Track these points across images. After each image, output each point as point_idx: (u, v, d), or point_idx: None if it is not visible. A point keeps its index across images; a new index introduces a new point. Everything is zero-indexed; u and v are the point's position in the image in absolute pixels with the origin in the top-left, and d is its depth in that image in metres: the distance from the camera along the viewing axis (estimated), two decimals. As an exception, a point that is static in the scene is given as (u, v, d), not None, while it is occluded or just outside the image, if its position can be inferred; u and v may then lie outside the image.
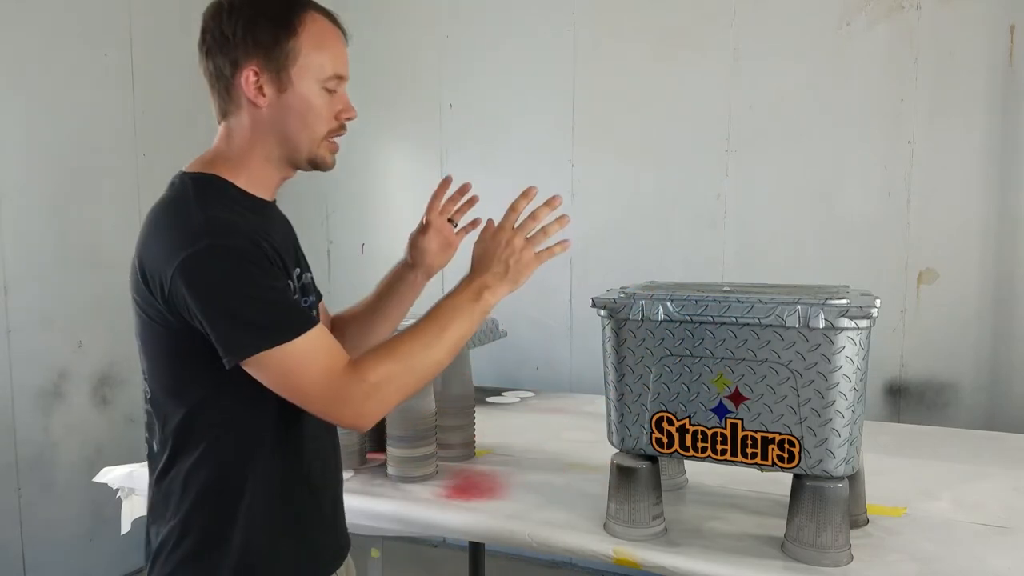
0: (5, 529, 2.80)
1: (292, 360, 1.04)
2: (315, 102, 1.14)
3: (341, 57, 1.16)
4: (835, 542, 1.30)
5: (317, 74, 1.13)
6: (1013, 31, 2.55)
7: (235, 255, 1.03)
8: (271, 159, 1.17)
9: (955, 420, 2.65)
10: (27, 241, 2.85)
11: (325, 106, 1.15)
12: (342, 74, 1.16)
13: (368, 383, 1.07)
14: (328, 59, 1.14)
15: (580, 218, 3.19)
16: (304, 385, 1.06)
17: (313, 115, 1.14)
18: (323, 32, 1.15)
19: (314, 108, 1.14)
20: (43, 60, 2.89)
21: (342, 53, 1.17)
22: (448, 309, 1.16)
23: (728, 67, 2.92)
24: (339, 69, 1.16)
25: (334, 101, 1.16)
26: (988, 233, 2.62)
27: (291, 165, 1.19)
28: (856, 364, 1.25)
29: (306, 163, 1.18)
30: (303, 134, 1.15)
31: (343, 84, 1.17)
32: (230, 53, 1.11)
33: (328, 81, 1.14)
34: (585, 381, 3.17)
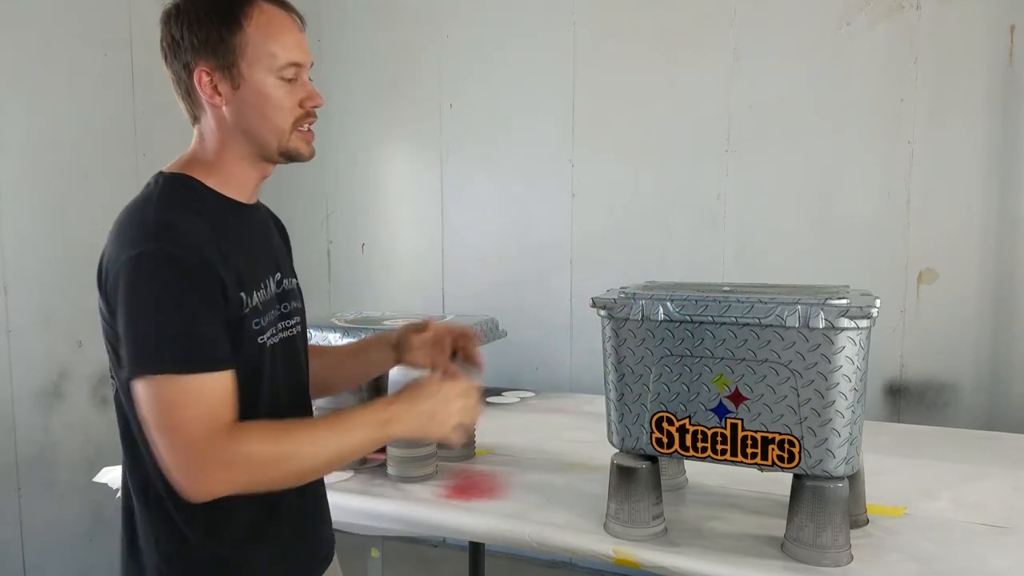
0: (5, 529, 2.80)
1: (178, 395, 0.97)
2: (272, 93, 1.11)
3: (295, 44, 1.12)
4: (835, 542, 1.30)
5: (269, 64, 1.10)
6: (1013, 31, 2.55)
7: (175, 266, 1.00)
8: (244, 157, 1.14)
9: (955, 420, 2.65)
10: (27, 241, 2.85)
11: (285, 96, 1.12)
12: (298, 61, 1.12)
13: (238, 454, 0.99)
14: (279, 48, 1.10)
15: (580, 218, 3.23)
16: (176, 425, 0.97)
17: (272, 107, 1.11)
18: (271, 21, 1.11)
19: (272, 100, 1.11)
20: (43, 60, 2.89)
21: (296, 39, 1.13)
22: (352, 423, 1.08)
23: (728, 67, 2.92)
24: (293, 56, 1.12)
25: (295, 89, 1.13)
26: (988, 233, 2.62)
27: (265, 160, 1.16)
28: (856, 364, 1.25)
29: (279, 156, 1.14)
30: (265, 127, 1.12)
31: (303, 71, 1.14)
32: (182, 57, 1.10)
33: (283, 70, 1.11)
34: (585, 381, 3.17)
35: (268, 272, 1.17)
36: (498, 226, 3.36)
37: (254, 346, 1.10)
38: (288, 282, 1.22)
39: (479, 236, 3.37)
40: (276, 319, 1.16)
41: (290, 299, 1.21)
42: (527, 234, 3.30)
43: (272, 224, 1.30)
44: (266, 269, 1.16)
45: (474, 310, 2.24)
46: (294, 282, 1.24)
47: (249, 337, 1.09)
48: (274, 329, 1.15)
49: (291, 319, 1.21)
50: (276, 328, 1.16)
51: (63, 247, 2.98)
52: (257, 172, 1.17)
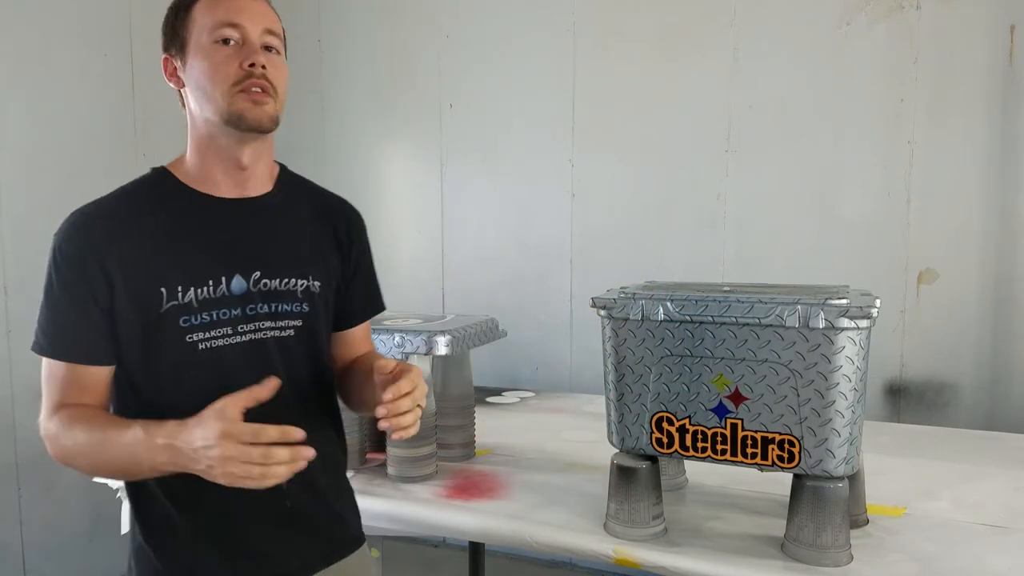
0: (5, 529, 2.80)
1: (44, 371, 1.12)
2: (209, 58, 1.09)
3: (230, 7, 1.10)
4: (835, 542, 1.30)
5: (207, 31, 1.10)
6: (1013, 31, 2.55)
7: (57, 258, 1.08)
8: (206, 143, 1.14)
9: (955, 420, 2.65)
10: (27, 241, 2.85)
11: (223, 60, 1.09)
12: (231, 21, 1.09)
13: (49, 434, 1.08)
14: (216, 13, 1.10)
15: (580, 218, 3.23)
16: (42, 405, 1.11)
17: (211, 73, 1.09)
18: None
19: (209, 64, 1.09)
20: (43, 60, 2.89)
21: (231, 5, 1.11)
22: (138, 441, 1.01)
23: (728, 67, 2.92)
24: (229, 17, 1.09)
25: (236, 53, 1.09)
26: (988, 233, 2.62)
27: (226, 138, 1.12)
28: (856, 364, 1.25)
29: (228, 125, 1.09)
30: (207, 94, 1.10)
31: (239, 31, 1.10)
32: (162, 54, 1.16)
33: (216, 31, 1.09)
34: (585, 381, 3.17)
35: (232, 269, 1.12)
36: (498, 226, 3.36)
37: (178, 343, 1.08)
38: (280, 283, 1.15)
39: (479, 236, 3.37)
40: (233, 320, 1.12)
41: (274, 300, 1.15)
42: (527, 234, 3.30)
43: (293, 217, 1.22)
44: (227, 266, 1.12)
45: (474, 310, 2.24)
46: (297, 283, 1.17)
47: (171, 333, 1.08)
48: (227, 329, 1.11)
49: (269, 321, 1.15)
50: (231, 328, 1.11)
51: (63, 247, 2.97)
52: (226, 158, 1.14)
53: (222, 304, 1.11)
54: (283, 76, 1.14)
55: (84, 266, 1.07)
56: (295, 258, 1.19)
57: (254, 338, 1.13)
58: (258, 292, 1.14)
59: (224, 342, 1.11)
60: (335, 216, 1.27)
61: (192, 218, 1.13)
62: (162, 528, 1.14)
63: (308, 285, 1.19)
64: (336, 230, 1.26)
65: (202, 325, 1.09)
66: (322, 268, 1.22)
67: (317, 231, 1.24)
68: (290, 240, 1.20)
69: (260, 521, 1.16)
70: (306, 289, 1.18)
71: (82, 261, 1.07)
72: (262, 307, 1.14)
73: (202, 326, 1.09)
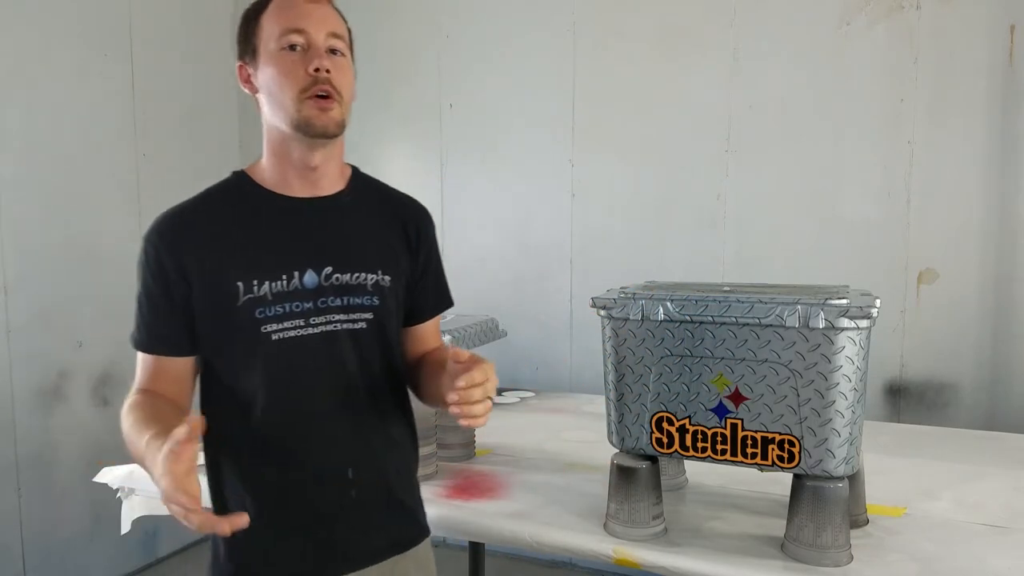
0: (5, 529, 2.80)
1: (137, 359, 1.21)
2: (277, 66, 1.12)
3: (295, 13, 1.13)
4: (835, 542, 1.30)
5: (273, 39, 1.13)
6: (1013, 31, 2.55)
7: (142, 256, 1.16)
8: (278, 147, 1.18)
9: (955, 420, 2.65)
10: (27, 241, 2.85)
11: (291, 67, 1.12)
12: (296, 27, 1.12)
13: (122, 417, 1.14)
14: (282, 18, 1.13)
15: (580, 218, 3.22)
16: None
17: (280, 79, 1.12)
18: (280, 2, 1.15)
19: (278, 72, 1.12)
20: (43, 60, 2.89)
21: (301, 11, 1.13)
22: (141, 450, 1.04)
23: (728, 67, 2.92)
24: (294, 23, 1.12)
25: (302, 58, 1.12)
26: (988, 233, 2.62)
27: (296, 143, 1.16)
28: (856, 364, 1.25)
29: (297, 131, 1.13)
30: (278, 100, 1.13)
31: (304, 37, 1.12)
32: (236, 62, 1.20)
33: (283, 38, 1.12)
34: (585, 381, 3.17)
35: (304, 264, 1.16)
36: (498, 226, 3.36)
37: (254, 334, 1.13)
38: (351, 277, 1.19)
39: (479, 236, 3.37)
40: (306, 312, 1.16)
41: (345, 293, 1.19)
42: (527, 234, 3.30)
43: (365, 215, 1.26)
44: (300, 261, 1.16)
45: (474, 310, 2.24)
46: (367, 277, 1.20)
47: (248, 324, 1.13)
48: (299, 321, 1.15)
49: (341, 314, 1.18)
50: (303, 320, 1.15)
51: (63, 247, 2.98)
52: (297, 160, 1.17)
53: (295, 297, 1.15)
54: (348, 79, 1.17)
55: (164, 265, 1.14)
56: (365, 253, 1.23)
57: (325, 330, 1.17)
58: (329, 286, 1.18)
59: (296, 333, 1.15)
60: (405, 214, 1.31)
61: (267, 217, 1.18)
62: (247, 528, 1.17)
63: (378, 279, 1.22)
64: (406, 228, 1.30)
65: (276, 316, 1.14)
66: (392, 264, 1.26)
67: (387, 229, 1.28)
68: (360, 236, 1.24)
69: (331, 509, 1.20)
70: (376, 283, 1.22)
71: (162, 260, 1.14)
72: (333, 300, 1.18)
73: (276, 317, 1.14)
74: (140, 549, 3.29)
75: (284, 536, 1.19)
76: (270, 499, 1.18)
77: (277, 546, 1.19)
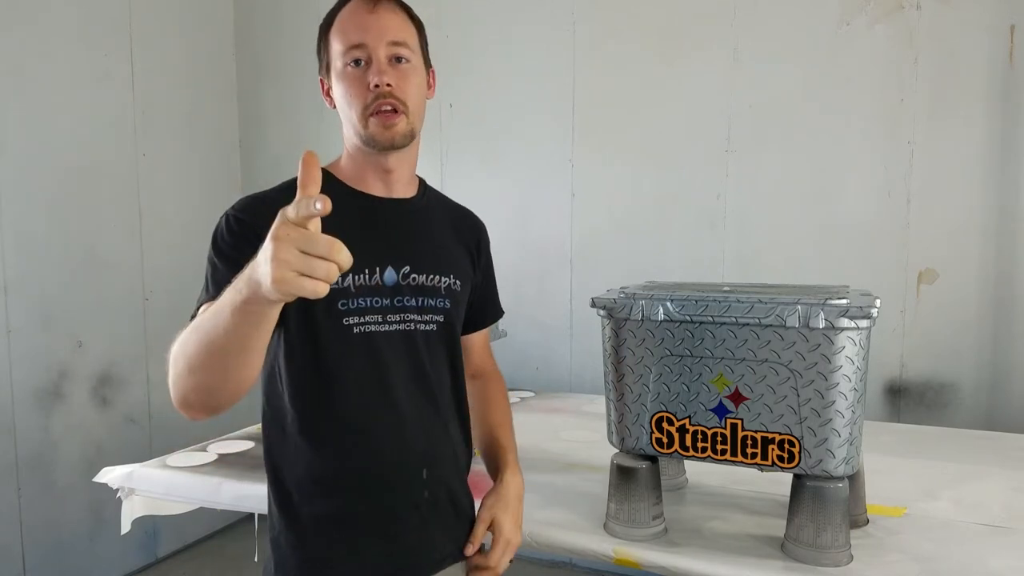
0: (5, 529, 2.80)
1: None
2: (343, 83, 1.16)
3: (357, 26, 1.15)
4: (835, 542, 1.30)
5: (339, 56, 1.17)
6: (1013, 31, 2.55)
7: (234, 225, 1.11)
8: (354, 152, 1.22)
9: (955, 420, 2.65)
10: (27, 241, 2.85)
11: (353, 83, 1.15)
12: (357, 42, 1.14)
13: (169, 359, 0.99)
14: (343, 36, 1.16)
15: (580, 218, 3.22)
16: None
17: (348, 96, 1.16)
18: (344, 13, 1.18)
19: (345, 89, 1.16)
20: (43, 60, 2.89)
21: (359, 23, 1.15)
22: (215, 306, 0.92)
23: (728, 67, 2.92)
24: (353, 38, 1.15)
25: (365, 73, 1.15)
26: (988, 233, 2.62)
27: (370, 152, 1.19)
28: (856, 364, 1.24)
29: (367, 145, 1.18)
30: (349, 117, 1.17)
31: (365, 51, 1.14)
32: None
33: (346, 55, 1.16)
34: (585, 381, 3.17)
35: (384, 262, 1.17)
36: (498, 226, 3.33)
37: (336, 324, 1.14)
38: (426, 278, 1.21)
39: (479, 236, 3.37)
40: (383, 309, 1.17)
41: (420, 294, 1.20)
42: (527, 234, 3.30)
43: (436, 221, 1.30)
44: (381, 258, 1.17)
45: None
46: (441, 280, 1.23)
47: (330, 314, 1.13)
48: (378, 316, 1.16)
49: (416, 314, 1.20)
50: (381, 317, 1.16)
51: (63, 247, 2.98)
52: (370, 165, 1.21)
53: (375, 292, 1.16)
54: (412, 87, 1.18)
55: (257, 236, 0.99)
56: (439, 257, 1.25)
57: (400, 328, 1.19)
58: (407, 285, 1.20)
59: (375, 328, 1.16)
60: (467, 225, 1.37)
61: (350, 212, 1.17)
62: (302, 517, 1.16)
63: (450, 283, 1.25)
64: (467, 238, 1.35)
65: (357, 310, 1.15)
66: (462, 270, 1.29)
67: (455, 237, 1.32)
68: (435, 241, 1.27)
69: (405, 509, 1.20)
70: (449, 287, 1.24)
71: (256, 230, 1.01)
72: (409, 300, 1.20)
73: (357, 311, 1.15)
74: (140, 549, 3.29)
75: (358, 533, 1.17)
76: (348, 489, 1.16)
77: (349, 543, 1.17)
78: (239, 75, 3.79)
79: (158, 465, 1.89)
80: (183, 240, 3.31)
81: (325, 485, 1.16)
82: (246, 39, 3.78)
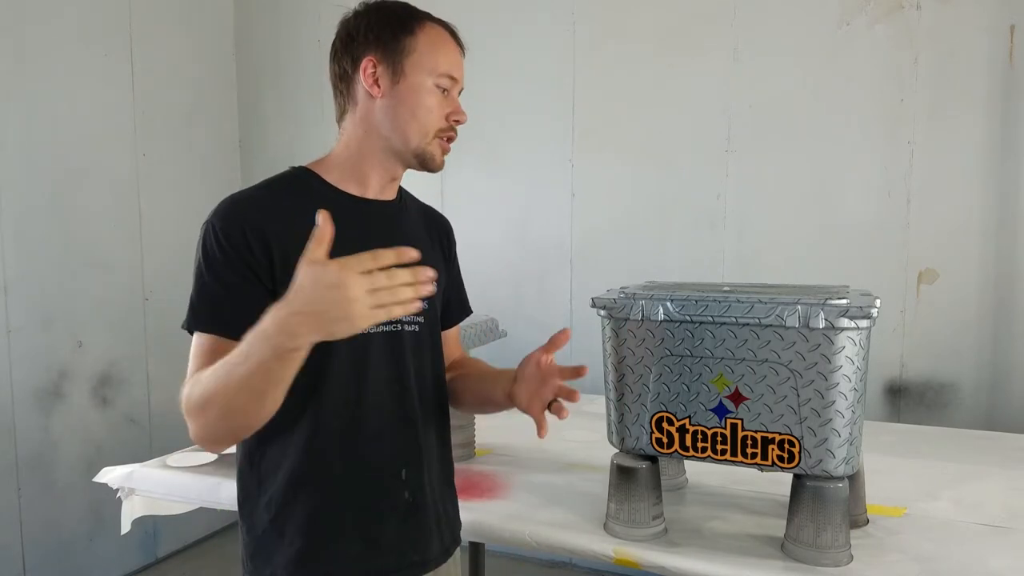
0: (5, 529, 2.80)
1: (192, 348, 1.10)
2: (426, 97, 1.18)
3: (455, 61, 1.21)
4: (835, 542, 1.30)
5: (430, 70, 1.18)
6: (1013, 31, 2.55)
7: (212, 237, 1.10)
8: (377, 153, 1.21)
9: (955, 420, 2.65)
10: (27, 241, 2.85)
11: (436, 104, 1.19)
12: (455, 75, 1.21)
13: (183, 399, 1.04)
14: (442, 58, 1.20)
15: (580, 218, 3.22)
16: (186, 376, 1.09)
17: (424, 109, 1.18)
18: (439, 36, 1.21)
19: (424, 102, 1.18)
20: (43, 60, 2.89)
21: (456, 59, 1.22)
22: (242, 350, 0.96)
23: (728, 67, 2.92)
24: (452, 70, 1.20)
25: (446, 102, 1.20)
26: (988, 233, 2.62)
27: (399, 160, 1.21)
28: (856, 364, 1.24)
29: (414, 158, 1.20)
30: (412, 126, 1.18)
31: (456, 87, 1.22)
32: (354, 51, 1.19)
33: (440, 78, 1.19)
34: (585, 381, 3.16)
35: None
36: (498, 226, 3.36)
37: None
38: None
39: (479, 236, 3.37)
40: None
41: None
42: (527, 234, 3.30)
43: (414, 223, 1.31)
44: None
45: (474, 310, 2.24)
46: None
47: None
48: None
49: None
50: None
51: (63, 247, 2.98)
52: (385, 170, 1.23)
53: None
54: None
55: (245, 241, 1.09)
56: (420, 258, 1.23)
57: (387, 329, 1.19)
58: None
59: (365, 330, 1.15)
60: (437, 225, 1.39)
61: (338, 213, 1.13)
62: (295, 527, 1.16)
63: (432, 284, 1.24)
64: (439, 238, 1.38)
65: None
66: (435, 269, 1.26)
67: (429, 237, 1.34)
68: (414, 241, 1.25)
69: (385, 509, 1.20)
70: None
71: (244, 236, 1.09)
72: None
73: None
74: (140, 549, 3.29)
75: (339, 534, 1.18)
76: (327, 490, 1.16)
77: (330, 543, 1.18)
78: (239, 75, 3.79)
79: (158, 465, 1.89)
80: (183, 240, 3.30)
81: (304, 485, 1.16)
82: (246, 39, 3.78)
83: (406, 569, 1.23)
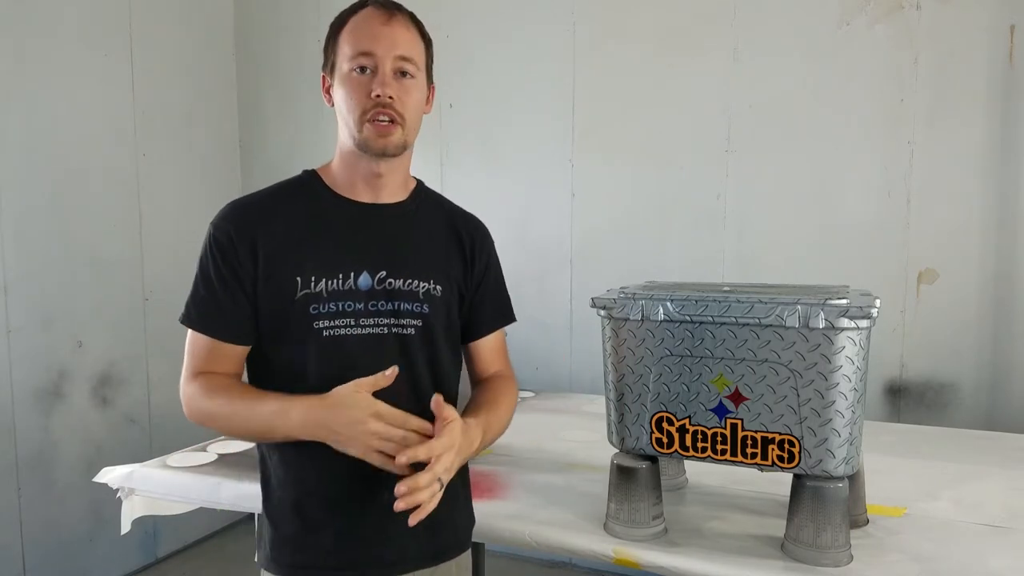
0: (5, 529, 2.80)
1: (187, 340, 1.22)
2: (346, 85, 1.18)
3: (368, 35, 1.17)
4: (835, 542, 1.30)
5: (346, 55, 1.18)
6: (1013, 31, 2.55)
7: (208, 242, 1.18)
8: (346, 155, 1.24)
9: (955, 420, 2.65)
10: (27, 241, 2.85)
11: (355, 88, 1.17)
12: (366, 50, 1.16)
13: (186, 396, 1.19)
14: (354, 38, 1.18)
15: (580, 218, 3.23)
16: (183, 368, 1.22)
17: (348, 99, 1.18)
18: (360, 19, 1.20)
19: (346, 91, 1.18)
20: (43, 60, 2.89)
21: (373, 31, 1.17)
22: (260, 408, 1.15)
23: (728, 67, 2.92)
24: (365, 46, 1.16)
25: (368, 82, 1.17)
26: (988, 233, 2.62)
27: (362, 158, 1.22)
28: (856, 364, 1.24)
29: (362, 150, 1.20)
30: (348, 120, 1.19)
31: (372, 60, 1.16)
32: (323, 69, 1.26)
33: (355, 59, 1.17)
34: (585, 381, 3.17)
35: (360, 267, 1.20)
36: (498, 226, 3.33)
37: (306, 328, 1.18)
38: (403, 283, 1.23)
39: (479, 236, 3.38)
40: (356, 313, 1.20)
41: (396, 298, 1.22)
42: (527, 234, 3.30)
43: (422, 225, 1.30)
44: (357, 264, 1.20)
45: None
46: (419, 285, 1.24)
47: (301, 318, 1.18)
48: (350, 320, 1.19)
49: (391, 318, 1.22)
50: (353, 320, 1.19)
51: (63, 247, 2.98)
52: (360, 169, 1.23)
53: (347, 297, 1.20)
54: (412, 102, 1.21)
55: (235, 250, 1.17)
56: (419, 262, 1.27)
57: (373, 332, 1.21)
58: (382, 290, 1.22)
59: (346, 331, 1.19)
60: (462, 229, 1.36)
61: (332, 218, 1.23)
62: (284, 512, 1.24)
63: (429, 288, 1.26)
64: (462, 241, 1.35)
65: (328, 314, 1.18)
66: (444, 274, 1.29)
67: (445, 240, 1.32)
68: (417, 245, 1.28)
69: (367, 508, 1.22)
70: (427, 292, 1.25)
71: (234, 245, 1.17)
72: (384, 304, 1.22)
73: (328, 315, 1.18)
74: (140, 549, 3.29)
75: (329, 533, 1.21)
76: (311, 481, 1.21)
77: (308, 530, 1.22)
78: (239, 75, 3.79)
79: (158, 465, 1.89)
80: (183, 240, 3.31)
81: (291, 474, 1.22)
82: (246, 39, 3.78)
83: (380, 567, 1.24)
